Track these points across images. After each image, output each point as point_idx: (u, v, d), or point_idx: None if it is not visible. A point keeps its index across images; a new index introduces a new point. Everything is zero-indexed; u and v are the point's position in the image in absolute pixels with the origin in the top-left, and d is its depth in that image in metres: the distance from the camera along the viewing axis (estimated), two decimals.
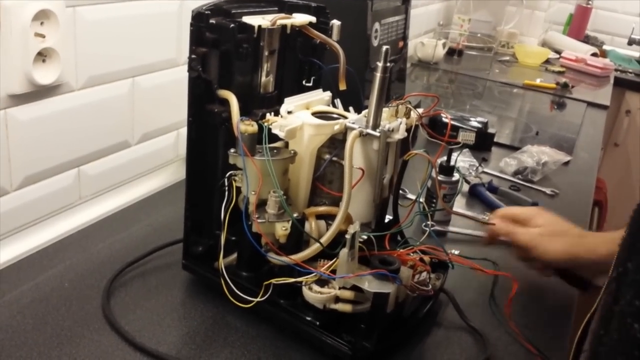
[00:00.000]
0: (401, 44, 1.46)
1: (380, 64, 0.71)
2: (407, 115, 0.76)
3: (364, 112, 0.75)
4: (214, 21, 0.72)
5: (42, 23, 0.80)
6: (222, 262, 0.72)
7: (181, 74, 0.73)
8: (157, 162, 1.11)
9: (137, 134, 1.04)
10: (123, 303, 0.76)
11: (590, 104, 1.98)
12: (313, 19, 0.80)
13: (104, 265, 0.83)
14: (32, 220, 0.88)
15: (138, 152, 1.05)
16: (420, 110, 0.79)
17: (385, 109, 0.75)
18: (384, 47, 0.71)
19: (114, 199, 1.01)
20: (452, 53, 2.40)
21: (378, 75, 0.71)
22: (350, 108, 0.80)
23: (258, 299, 0.70)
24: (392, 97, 0.80)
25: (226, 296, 0.71)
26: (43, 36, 0.80)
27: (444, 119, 1.45)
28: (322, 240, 0.69)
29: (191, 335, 0.72)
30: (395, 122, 0.73)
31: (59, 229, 0.91)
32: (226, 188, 0.73)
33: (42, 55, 0.81)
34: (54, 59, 0.82)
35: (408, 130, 0.75)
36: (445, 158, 1.05)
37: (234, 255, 0.79)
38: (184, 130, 0.80)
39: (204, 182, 0.78)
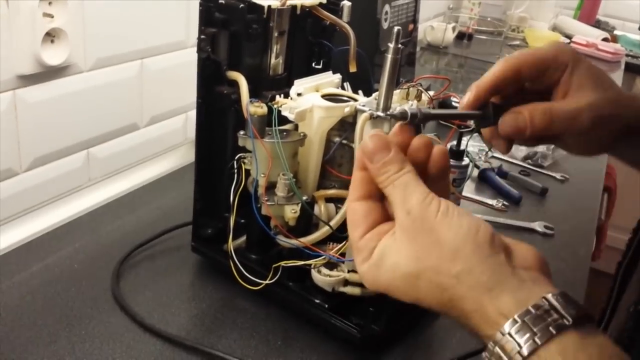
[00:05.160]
0: (411, 27, 1.44)
1: (391, 45, 0.69)
2: (418, 98, 0.75)
3: (375, 94, 0.74)
4: (223, 1, 0.71)
5: (50, 3, 0.79)
6: (231, 245, 0.71)
7: (190, 57, 0.72)
8: (166, 144, 1.11)
9: (145, 116, 1.04)
10: (132, 285, 0.77)
11: None
12: None
13: (113, 247, 0.83)
14: (42, 202, 0.88)
15: (147, 134, 1.05)
16: (431, 93, 0.79)
17: (396, 92, 0.74)
18: (396, 28, 0.69)
19: (123, 182, 1.01)
20: (462, 37, 2.37)
21: (389, 56, 0.70)
22: (360, 91, 0.79)
23: (267, 282, 0.70)
24: (402, 80, 0.79)
25: (235, 278, 0.71)
26: (51, 16, 0.80)
27: (454, 103, 1.44)
28: (332, 223, 0.68)
29: (200, 317, 0.73)
30: (406, 104, 0.72)
31: (68, 210, 0.91)
32: (235, 170, 0.73)
33: (50, 36, 0.80)
34: (62, 40, 0.82)
35: None
36: (455, 142, 1.04)
37: (243, 238, 0.78)
38: (192, 113, 0.79)
39: (213, 165, 0.78)
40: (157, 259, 0.83)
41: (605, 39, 2.47)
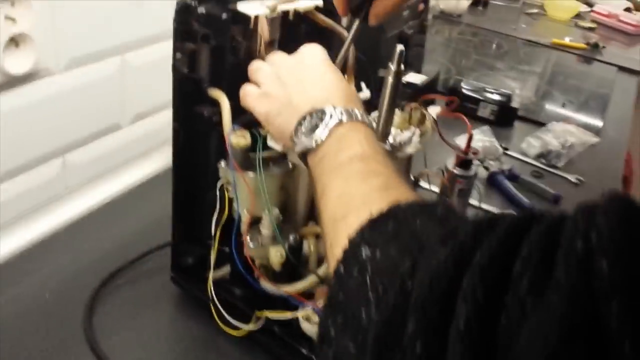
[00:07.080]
0: (421, 7, 1.33)
1: (393, 67, 0.61)
2: (421, 122, 0.67)
3: (373, 114, 0.66)
4: (203, 10, 0.62)
5: (12, 4, 0.71)
6: (211, 286, 0.65)
7: None
8: (152, 143, 1.03)
9: (129, 114, 0.96)
10: (108, 319, 0.71)
11: (622, 69, 1.84)
12: (319, 1, 0.70)
13: (91, 269, 0.77)
14: (14, 217, 0.82)
15: (131, 134, 0.97)
16: (436, 112, 0.71)
17: (397, 113, 0.66)
18: (398, 48, 0.61)
19: (104, 187, 0.94)
20: (477, 4, 2.24)
21: (389, 79, 0.62)
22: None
23: (250, 328, 0.64)
24: (403, 104, 0.71)
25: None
26: (14, 19, 0.71)
27: (465, 91, 1.35)
28: (321, 270, 0.62)
29: None
30: (407, 132, 0.64)
31: (43, 225, 0.84)
32: (218, 199, 0.66)
33: (14, 41, 0.72)
34: (27, 44, 0.74)
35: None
36: (463, 145, 0.95)
37: (227, 268, 0.72)
38: None
39: (193, 189, 0.71)
40: (136, 285, 0.76)
41: (627, 9, 2.32)
